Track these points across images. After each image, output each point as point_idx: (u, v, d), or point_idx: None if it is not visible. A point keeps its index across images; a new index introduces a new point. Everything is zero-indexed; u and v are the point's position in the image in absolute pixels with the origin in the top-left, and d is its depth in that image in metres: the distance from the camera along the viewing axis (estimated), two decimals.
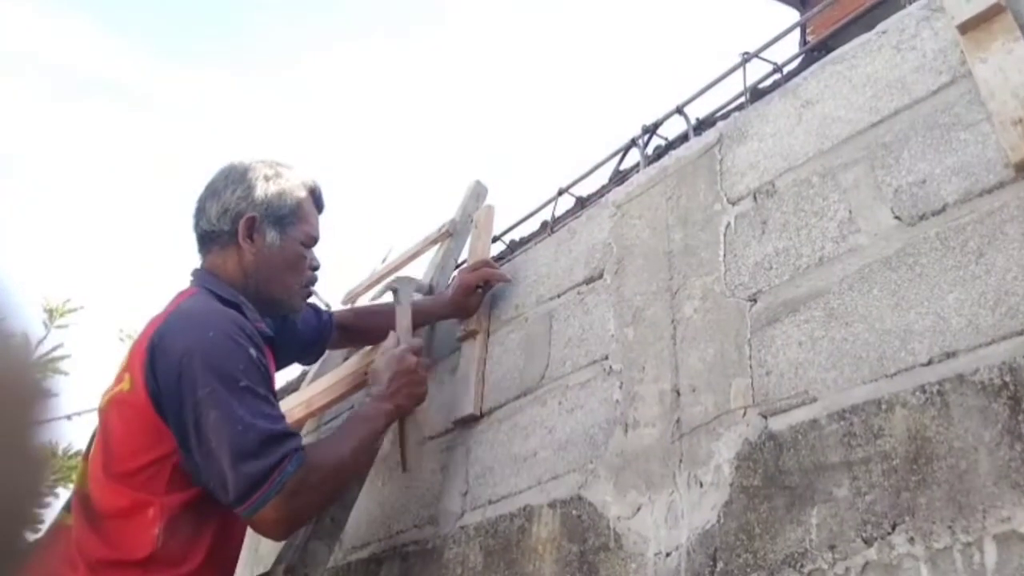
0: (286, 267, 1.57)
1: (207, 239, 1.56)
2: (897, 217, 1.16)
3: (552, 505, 1.44)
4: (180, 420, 1.29)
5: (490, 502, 1.59)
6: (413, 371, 1.61)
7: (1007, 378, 0.94)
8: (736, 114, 1.54)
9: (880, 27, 1.33)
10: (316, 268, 1.66)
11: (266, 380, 1.39)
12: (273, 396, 1.40)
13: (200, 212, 1.57)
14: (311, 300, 1.76)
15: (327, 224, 1.69)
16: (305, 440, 2.26)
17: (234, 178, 1.56)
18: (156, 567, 1.27)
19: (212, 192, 1.56)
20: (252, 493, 1.27)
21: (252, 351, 1.35)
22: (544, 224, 2.09)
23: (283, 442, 1.32)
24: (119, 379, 1.40)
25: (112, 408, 1.38)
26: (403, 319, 1.79)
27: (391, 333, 1.73)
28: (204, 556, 1.31)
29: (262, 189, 1.55)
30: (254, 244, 1.53)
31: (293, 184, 1.60)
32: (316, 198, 1.67)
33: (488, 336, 1.90)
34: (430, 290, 2.15)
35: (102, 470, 1.33)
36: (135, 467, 1.30)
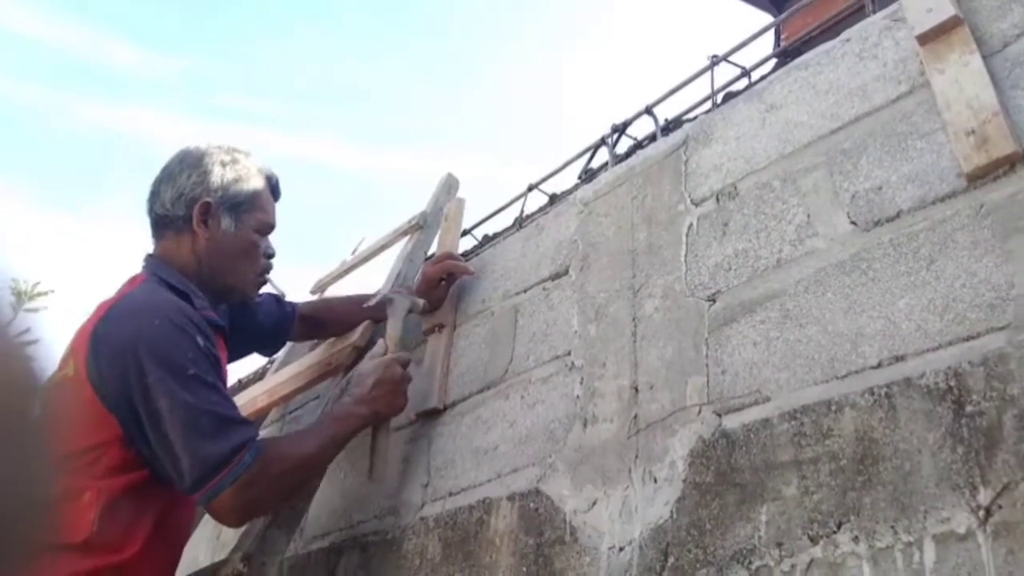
0: (240, 254, 1.56)
1: (161, 224, 1.54)
2: (853, 222, 1.18)
3: (511, 498, 1.45)
4: (127, 409, 1.28)
5: (450, 494, 1.60)
6: (397, 381, 1.62)
7: (952, 382, 0.97)
8: (702, 116, 1.56)
9: (844, 35, 1.35)
10: (271, 256, 1.65)
11: (216, 369, 1.38)
12: (223, 384, 1.40)
13: (154, 196, 1.55)
14: (267, 288, 1.75)
15: (284, 214, 1.69)
16: (268, 429, 2.27)
17: (190, 163, 1.55)
18: (93, 552, 1.25)
19: (167, 176, 1.55)
20: (210, 479, 1.27)
21: (200, 339, 1.35)
22: (516, 220, 2.10)
23: (238, 429, 1.32)
24: (63, 364, 1.39)
25: (55, 392, 1.37)
26: (394, 331, 1.79)
27: (380, 341, 1.74)
28: (144, 541, 1.30)
29: (218, 175, 1.54)
30: (208, 230, 1.52)
31: (250, 171, 1.60)
32: (272, 186, 1.66)
33: (454, 329, 1.91)
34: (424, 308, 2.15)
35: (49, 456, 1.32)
36: (73, 451, 1.29)
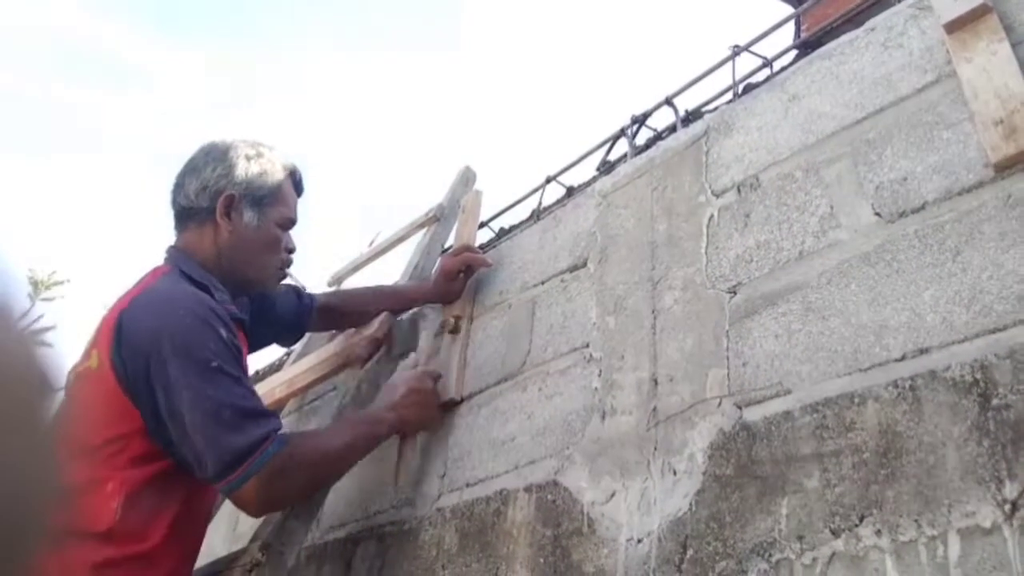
0: (262, 248, 1.57)
1: (184, 215, 1.55)
2: (877, 213, 1.16)
3: (528, 489, 1.45)
4: (150, 400, 1.29)
5: (467, 485, 1.60)
6: (428, 393, 1.66)
7: (978, 375, 0.95)
8: (723, 107, 1.54)
9: (869, 24, 1.33)
10: (292, 251, 1.66)
11: (238, 361, 1.39)
12: (246, 376, 1.40)
13: (178, 188, 1.56)
14: (287, 282, 1.75)
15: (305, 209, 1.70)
16: (286, 420, 2.28)
17: (215, 156, 1.56)
18: (116, 541, 1.26)
19: (192, 169, 1.56)
20: (233, 468, 1.27)
21: (222, 331, 1.35)
22: (533, 212, 2.10)
23: (263, 420, 1.32)
24: (87, 355, 1.39)
25: (77, 383, 1.38)
26: (427, 344, 1.83)
27: (411, 355, 1.77)
28: (166, 531, 1.31)
29: (243, 168, 1.55)
30: (231, 222, 1.53)
31: (274, 165, 1.60)
32: (296, 181, 1.67)
33: (471, 322, 1.91)
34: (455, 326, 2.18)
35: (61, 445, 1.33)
36: (96, 443, 1.30)
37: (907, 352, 1.04)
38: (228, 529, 2.35)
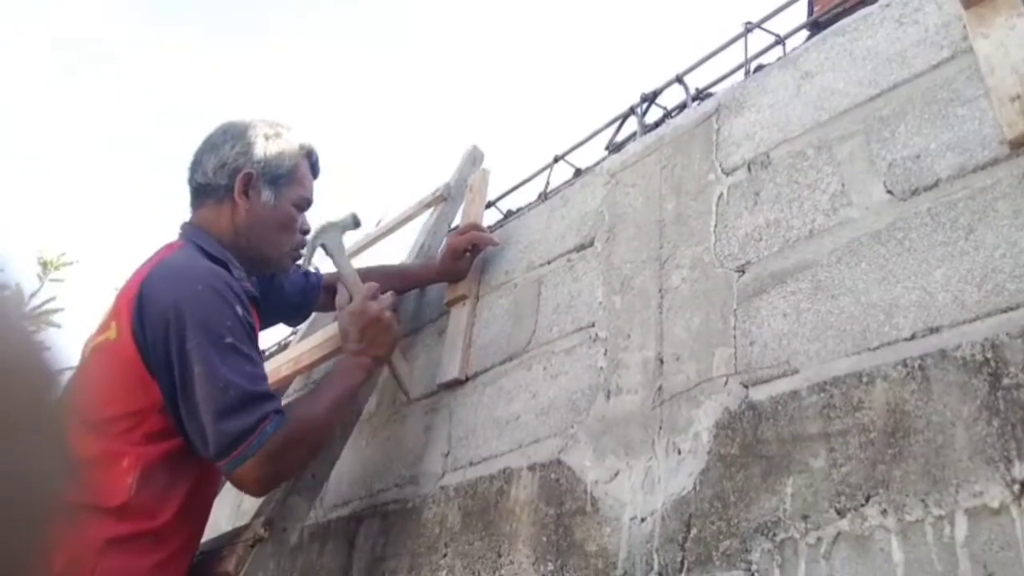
0: (278, 227, 1.57)
1: (201, 192, 1.55)
2: (890, 191, 1.15)
3: (532, 468, 1.44)
4: (167, 371, 1.29)
5: (471, 464, 1.60)
6: (378, 318, 1.60)
7: (988, 354, 0.94)
8: (735, 84, 1.52)
9: (883, 0, 1.31)
10: (307, 232, 1.66)
11: (251, 338, 1.39)
12: (257, 355, 1.40)
13: (196, 165, 1.56)
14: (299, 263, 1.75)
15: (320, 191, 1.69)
16: (292, 399, 2.28)
17: (234, 134, 1.56)
18: (129, 516, 1.26)
19: (211, 146, 1.56)
20: (231, 450, 1.28)
21: (238, 308, 1.35)
22: (541, 193, 2.08)
23: (263, 403, 1.32)
24: (104, 327, 1.39)
25: (95, 356, 1.37)
26: (345, 268, 1.75)
27: (339, 287, 1.74)
28: (177, 508, 1.32)
29: (261, 147, 1.55)
30: (248, 201, 1.53)
31: (292, 145, 1.60)
32: (312, 162, 1.67)
33: (477, 301, 1.90)
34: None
35: (74, 417, 1.33)
36: (112, 416, 1.30)
37: (917, 331, 1.02)
38: (233, 507, 2.36)
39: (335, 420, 1.50)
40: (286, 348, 2.43)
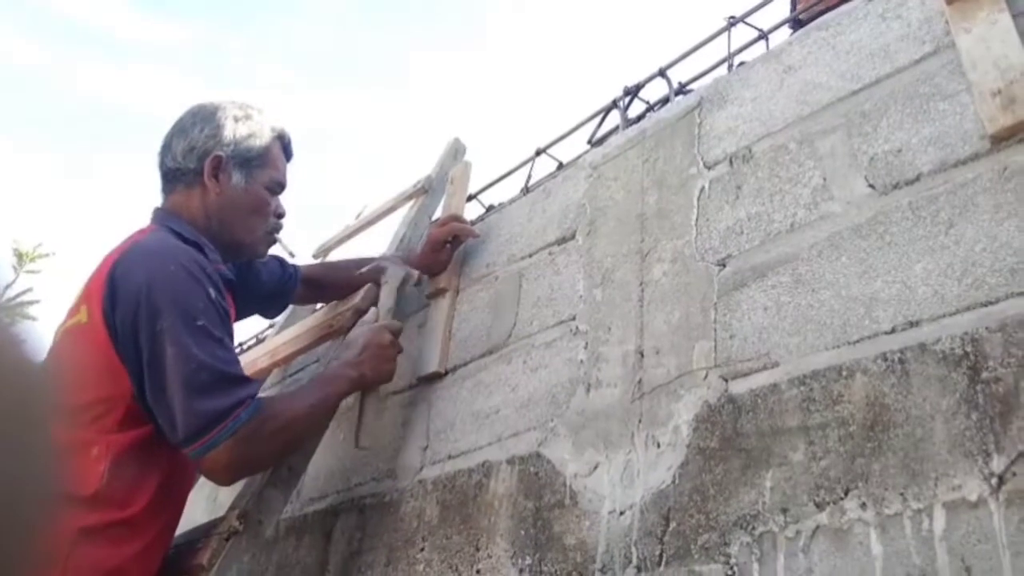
0: (250, 210, 1.55)
1: (171, 177, 1.53)
2: (871, 185, 1.14)
3: (511, 461, 1.43)
4: (135, 354, 1.26)
5: (449, 457, 1.58)
6: (387, 347, 1.60)
7: (968, 348, 0.94)
8: (718, 78, 1.52)
9: None
10: (281, 216, 1.63)
11: (224, 322, 1.36)
12: (230, 339, 1.38)
13: (166, 149, 1.53)
14: (276, 249, 1.72)
15: (296, 177, 1.67)
16: (269, 391, 2.25)
17: (203, 117, 1.53)
18: (101, 506, 1.23)
19: (179, 130, 1.53)
20: (204, 433, 1.25)
21: (211, 290, 1.33)
22: (524, 187, 2.07)
23: (239, 386, 1.30)
24: (74, 311, 1.36)
25: (65, 340, 1.34)
26: (387, 299, 1.77)
27: (372, 310, 1.72)
28: (150, 498, 1.29)
29: (231, 129, 1.52)
30: (219, 184, 1.50)
31: (263, 128, 1.58)
32: (285, 145, 1.64)
33: (457, 294, 1.88)
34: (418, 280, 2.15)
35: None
36: (83, 403, 1.27)
37: (897, 325, 1.02)
38: (208, 499, 2.33)
39: (313, 422, 1.48)
40: (263, 341, 2.41)
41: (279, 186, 1.61)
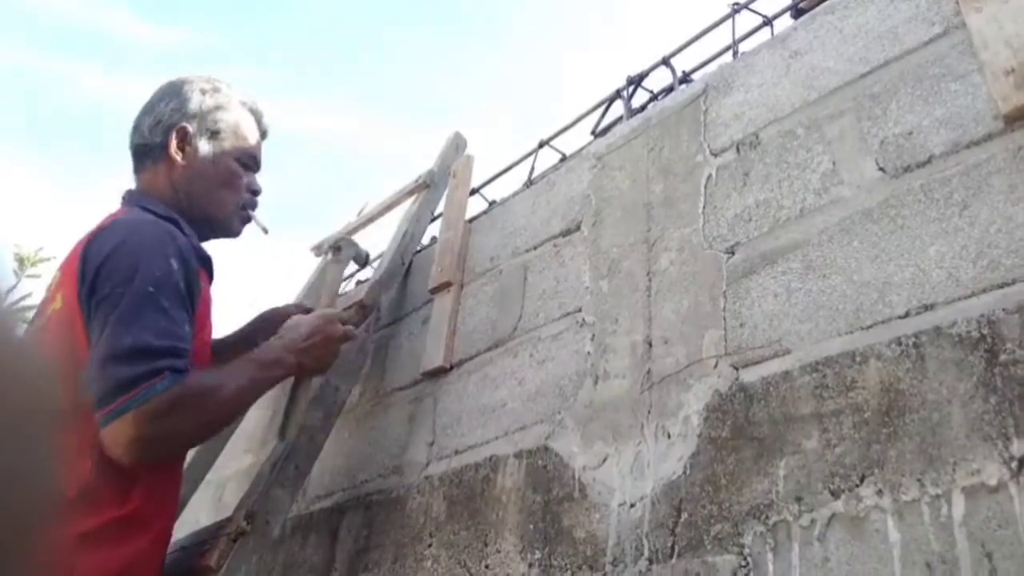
0: (220, 183, 1.49)
1: (140, 154, 1.48)
2: (881, 169, 1.13)
3: (518, 455, 1.42)
4: (90, 315, 1.20)
5: (456, 452, 1.57)
6: (334, 339, 1.53)
7: (985, 331, 0.92)
8: (723, 65, 1.50)
9: None
10: (256, 192, 1.57)
11: (180, 296, 1.26)
12: (185, 313, 1.27)
13: (135, 129, 1.49)
14: (251, 226, 1.65)
15: (290, 184, 1.63)
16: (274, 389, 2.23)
17: (169, 92, 1.50)
18: (94, 506, 1.16)
19: (148, 108, 1.49)
20: (112, 400, 1.14)
21: (173, 261, 1.26)
22: (528, 179, 2.05)
23: (160, 357, 1.19)
24: (51, 299, 1.32)
25: (43, 330, 1.30)
26: (335, 283, 1.72)
27: (322, 296, 1.67)
28: (145, 492, 1.22)
29: (197, 101, 1.49)
30: (185, 156, 1.45)
31: (230, 100, 1.53)
32: (257, 120, 1.59)
33: (462, 288, 1.87)
34: (366, 260, 2.14)
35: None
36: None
37: (911, 309, 1.00)
38: (213, 500, 2.32)
39: (239, 404, 1.37)
40: None
41: (251, 159, 1.56)
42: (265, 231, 1.63)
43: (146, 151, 1.47)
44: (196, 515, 2.26)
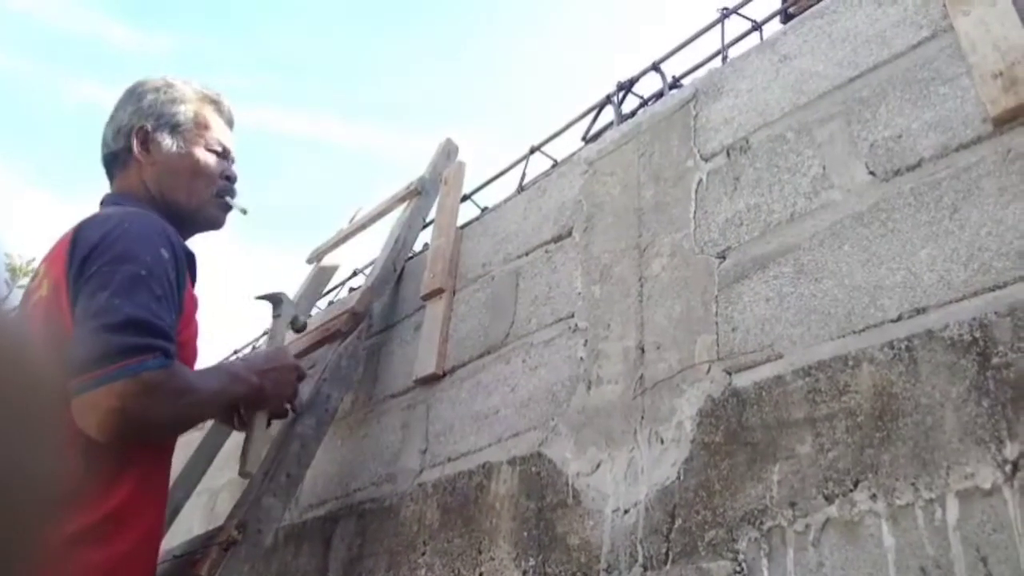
0: (191, 173, 1.48)
1: (109, 164, 1.48)
2: (872, 172, 1.13)
3: (512, 462, 1.41)
4: (78, 292, 1.18)
5: (449, 459, 1.56)
6: (291, 370, 1.54)
7: (977, 334, 0.92)
8: (713, 69, 1.50)
9: None
10: (232, 179, 1.56)
11: (169, 286, 1.25)
12: (170, 304, 1.25)
13: (103, 143, 1.49)
14: (230, 215, 1.64)
15: (282, 191, 1.63)
16: None
17: (126, 98, 1.50)
18: (81, 503, 1.13)
19: (110, 119, 1.50)
20: (99, 366, 1.10)
21: (163, 251, 1.25)
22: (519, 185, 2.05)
23: (157, 336, 1.17)
24: (36, 288, 1.30)
25: (31, 318, 1.26)
26: (278, 334, 1.75)
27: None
28: (132, 489, 1.19)
29: (151, 99, 1.48)
30: (151, 155, 1.45)
31: (185, 93, 1.53)
32: (220, 109, 1.58)
33: (454, 295, 1.86)
34: (303, 327, 2.09)
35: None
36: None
37: (903, 312, 1.00)
38: (206, 509, 2.31)
39: (210, 407, 1.35)
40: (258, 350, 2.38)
41: (219, 145, 1.54)
42: (244, 212, 1.61)
43: (114, 159, 1.47)
44: (189, 525, 2.25)
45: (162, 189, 1.45)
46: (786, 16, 1.71)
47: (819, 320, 1.09)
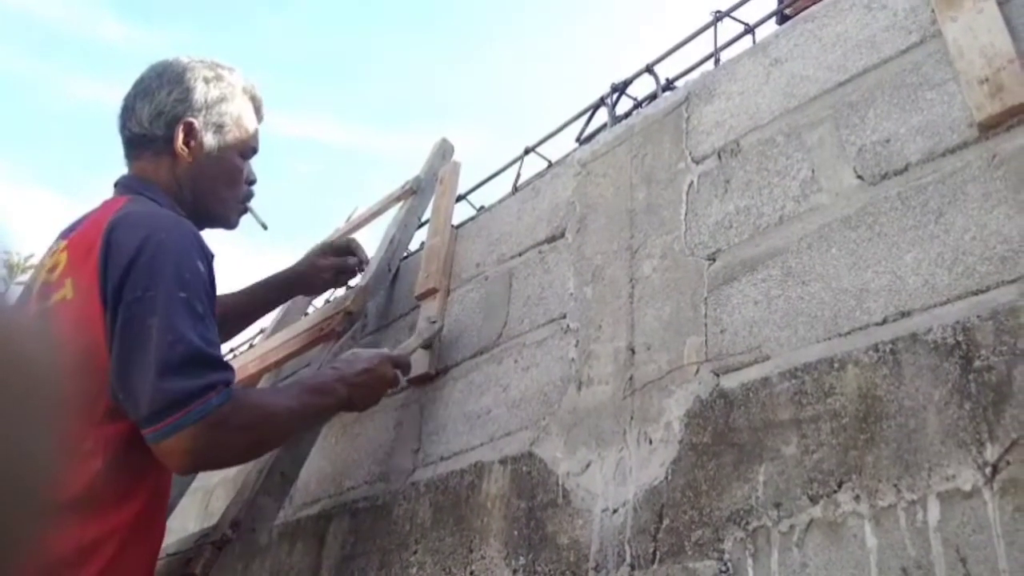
0: (224, 179, 1.46)
1: (137, 143, 1.41)
2: (859, 176, 1.14)
3: (503, 462, 1.42)
4: (114, 321, 1.16)
5: (441, 459, 1.57)
6: (385, 382, 1.51)
7: (960, 337, 0.93)
8: (705, 72, 1.51)
9: None
10: (253, 182, 1.55)
11: (210, 299, 1.25)
12: (212, 318, 1.25)
13: (128, 112, 1.42)
14: (248, 218, 1.61)
15: (280, 191, 1.62)
16: None
17: (170, 78, 1.42)
18: (101, 510, 1.12)
19: (144, 91, 1.41)
20: (168, 415, 1.11)
21: (200, 264, 1.24)
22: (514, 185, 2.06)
23: (214, 368, 1.17)
24: (59, 285, 1.25)
25: (54, 318, 1.21)
26: (413, 343, 1.70)
27: (407, 342, 1.69)
28: (148, 496, 1.19)
29: (202, 92, 1.42)
30: (191, 152, 1.40)
31: (234, 89, 1.48)
32: (257, 107, 1.55)
33: (448, 294, 1.87)
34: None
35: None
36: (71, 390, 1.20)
37: (888, 315, 1.01)
38: (200, 507, 2.32)
39: (288, 426, 1.33)
40: (253, 348, 2.39)
41: (252, 151, 1.52)
42: (264, 227, 1.61)
43: (145, 142, 1.41)
44: (184, 523, 2.26)
45: (194, 189, 1.42)
46: (782, 18, 1.72)
47: (806, 322, 1.10)
